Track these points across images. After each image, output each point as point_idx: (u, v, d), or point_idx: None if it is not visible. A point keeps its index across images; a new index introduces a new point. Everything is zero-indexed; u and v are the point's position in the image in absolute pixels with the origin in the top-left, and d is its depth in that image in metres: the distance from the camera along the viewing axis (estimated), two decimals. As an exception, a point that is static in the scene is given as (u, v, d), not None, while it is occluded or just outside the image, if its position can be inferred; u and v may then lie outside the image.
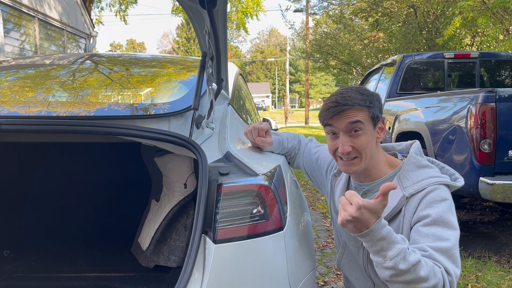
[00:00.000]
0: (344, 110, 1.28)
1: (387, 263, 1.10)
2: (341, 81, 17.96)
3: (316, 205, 5.31)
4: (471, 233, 3.95)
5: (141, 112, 1.60)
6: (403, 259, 1.09)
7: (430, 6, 9.97)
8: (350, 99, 1.28)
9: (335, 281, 2.97)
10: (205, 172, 1.32)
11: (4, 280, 1.91)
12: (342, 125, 1.30)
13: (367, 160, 1.32)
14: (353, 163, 1.32)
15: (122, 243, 2.22)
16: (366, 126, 1.30)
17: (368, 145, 1.30)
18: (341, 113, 1.28)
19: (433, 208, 1.22)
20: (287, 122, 25.24)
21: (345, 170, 1.36)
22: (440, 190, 1.26)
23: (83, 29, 9.90)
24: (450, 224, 1.21)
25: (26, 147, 2.54)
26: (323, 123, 1.35)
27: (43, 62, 2.37)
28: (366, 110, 1.29)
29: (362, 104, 1.29)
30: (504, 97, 3.20)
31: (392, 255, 1.09)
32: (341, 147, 1.30)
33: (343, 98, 1.29)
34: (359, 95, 1.30)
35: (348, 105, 1.27)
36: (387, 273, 1.12)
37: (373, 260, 1.15)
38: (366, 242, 1.13)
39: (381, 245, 1.11)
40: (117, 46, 65.06)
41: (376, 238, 1.10)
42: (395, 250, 1.10)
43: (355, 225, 1.11)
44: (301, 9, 23.07)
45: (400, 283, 1.13)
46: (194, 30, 1.82)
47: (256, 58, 69.98)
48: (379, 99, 1.36)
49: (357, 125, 1.28)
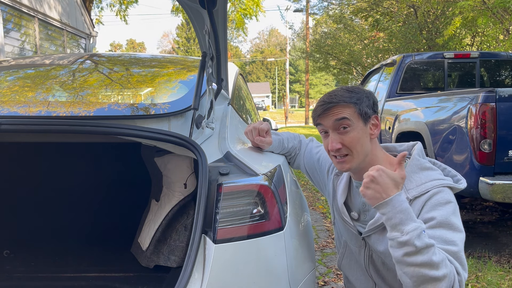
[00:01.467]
0: (330, 107, 1.31)
1: (403, 237, 1.10)
2: (341, 81, 17.96)
3: (316, 205, 5.31)
4: (471, 233, 3.95)
5: (141, 112, 1.60)
6: (419, 236, 1.10)
7: (430, 6, 9.96)
8: (335, 97, 1.33)
9: (335, 281, 2.97)
10: (205, 172, 1.32)
11: (4, 280, 1.91)
12: (329, 123, 1.33)
13: (360, 157, 1.33)
14: (345, 160, 1.33)
15: (122, 243, 2.22)
16: (354, 122, 1.31)
17: (358, 141, 1.31)
18: (327, 111, 1.32)
19: (438, 210, 1.22)
20: (287, 122, 25.24)
21: (339, 168, 1.38)
22: (444, 192, 1.26)
23: (83, 29, 9.90)
24: (455, 226, 1.21)
25: (26, 147, 2.53)
26: (314, 123, 1.39)
27: (43, 62, 2.37)
28: (352, 106, 1.32)
29: (348, 101, 1.31)
30: (504, 97, 3.20)
31: (409, 229, 1.10)
32: (330, 144, 1.33)
33: (329, 97, 1.34)
34: (347, 92, 1.34)
35: (333, 102, 1.32)
36: (400, 252, 1.12)
37: (390, 237, 1.15)
38: (385, 213, 1.14)
39: (399, 218, 1.12)
40: (117, 46, 65.06)
41: (396, 210, 1.12)
42: (413, 226, 1.11)
43: (376, 189, 1.14)
44: (301, 9, 23.08)
45: (411, 265, 1.11)
46: (194, 30, 1.82)
47: (256, 58, 69.99)
48: (370, 96, 1.37)
49: (344, 121, 1.31)
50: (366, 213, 1.41)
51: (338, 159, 1.34)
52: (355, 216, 1.44)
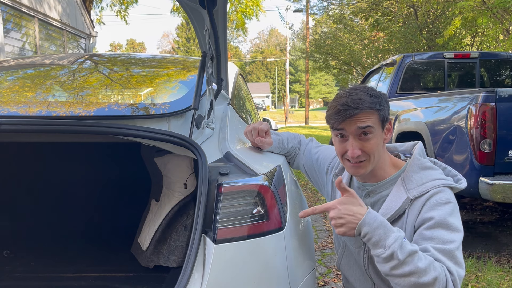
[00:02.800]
0: (356, 114, 1.25)
1: (386, 252, 1.13)
2: (341, 81, 17.97)
3: (316, 205, 5.30)
4: (471, 233, 3.95)
5: (141, 112, 1.60)
6: (400, 246, 1.12)
7: (430, 6, 9.96)
8: (361, 102, 1.25)
9: (335, 281, 2.97)
10: (205, 172, 1.32)
11: (4, 280, 1.91)
12: (352, 129, 1.27)
13: (375, 162, 1.31)
14: (361, 165, 1.31)
15: (122, 243, 2.22)
16: (376, 129, 1.28)
17: (377, 148, 1.30)
18: (352, 117, 1.25)
19: (436, 210, 1.22)
20: (287, 122, 25.23)
21: (353, 173, 1.35)
22: (444, 192, 1.26)
23: (83, 29, 9.90)
24: (453, 227, 1.21)
25: (26, 147, 2.53)
26: (333, 127, 1.32)
27: (43, 62, 2.37)
28: (376, 113, 1.28)
29: (373, 107, 1.26)
30: (504, 97, 3.20)
31: (390, 243, 1.12)
32: (350, 151, 1.28)
33: (354, 101, 1.25)
34: (369, 97, 1.27)
35: (359, 108, 1.24)
36: (387, 266, 1.14)
37: (374, 254, 1.17)
38: (365, 235, 1.16)
39: (379, 235, 1.14)
40: (117, 46, 65.02)
41: (373, 227, 1.14)
42: (393, 238, 1.13)
43: (346, 221, 1.16)
44: (301, 9, 23.08)
45: (400, 276, 1.13)
46: (194, 30, 1.82)
47: (256, 58, 69.97)
48: (387, 100, 1.34)
49: (367, 129, 1.27)
50: None
51: (353, 164, 1.31)
52: None
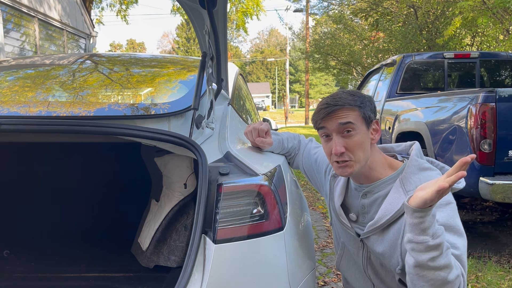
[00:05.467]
0: (335, 110, 1.29)
1: (434, 240, 1.05)
2: (341, 81, 17.95)
3: (316, 205, 5.31)
4: (471, 233, 3.94)
5: (141, 112, 1.60)
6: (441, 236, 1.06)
7: (430, 6, 9.96)
8: (340, 100, 1.30)
9: (335, 281, 2.97)
10: (205, 172, 1.32)
11: (4, 280, 1.91)
12: (333, 126, 1.30)
13: (361, 162, 1.31)
14: (347, 165, 1.31)
15: (122, 243, 2.22)
16: (358, 126, 1.30)
17: (361, 146, 1.30)
18: (331, 114, 1.29)
19: (439, 212, 1.21)
20: (287, 122, 25.24)
21: (340, 173, 1.35)
22: None
23: (83, 29, 9.90)
24: (457, 228, 1.20)
25: (26, 147, 2.53)
26: (316, 127, 1.36)
27: (43, 62, 2.37)
28: (357, 109, 1.30)
29: (353, 104, 1.30)
30: (504, 97, 3.20)
31: (439, 232, 1.06)
32: (334, 148, 1.30)
33: (333, 99, 1.31)
34: (350, 96, 1.32)
35: (338, 105, 1.29)
36: (426, 256, 1.06)
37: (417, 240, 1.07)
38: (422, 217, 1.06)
39: (429, 221, 1.06)
40: (117, 46, 65.01)
41: (430, 212, 1.06)
42: (440, 229, 1.08)
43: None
44: (301, 9, 23.07)
45: (433, 269, 1.07)
46: (194, 30, 1.82)
47: (256, 58, 69.96)
48: (371, 101, 1.36)
49: (349, 125, 1.29)
50: (365, 215, 1.40)
51: (339, 164, 1.32)
52: (353, 218, 1.43)
